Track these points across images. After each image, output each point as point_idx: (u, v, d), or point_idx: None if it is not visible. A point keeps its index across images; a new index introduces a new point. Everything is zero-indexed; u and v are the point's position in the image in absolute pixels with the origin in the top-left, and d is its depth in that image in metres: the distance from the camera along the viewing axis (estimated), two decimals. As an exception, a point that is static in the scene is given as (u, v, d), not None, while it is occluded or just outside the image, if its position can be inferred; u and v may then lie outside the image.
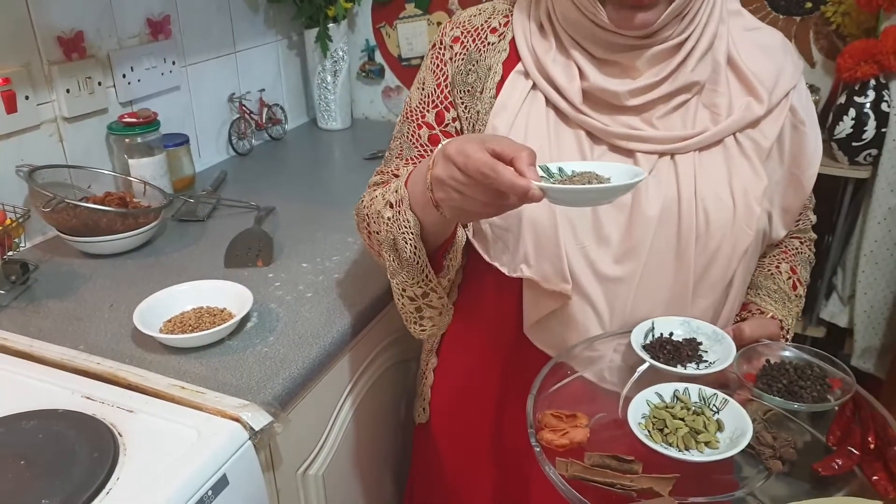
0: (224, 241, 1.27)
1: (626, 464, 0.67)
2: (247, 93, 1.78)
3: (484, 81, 0.89)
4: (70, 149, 1.35)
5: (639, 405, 0.73)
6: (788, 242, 0.98)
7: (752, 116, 0.82)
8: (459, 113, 0.91)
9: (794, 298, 0.94)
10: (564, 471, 0.66)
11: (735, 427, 0.69)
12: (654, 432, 0.70)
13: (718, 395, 0.73)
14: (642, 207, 0.81)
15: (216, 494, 0.77)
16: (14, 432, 0.80)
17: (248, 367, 0.93)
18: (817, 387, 0.73)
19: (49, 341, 0.98)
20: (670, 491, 0.64)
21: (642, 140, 0.81)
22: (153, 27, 1.49)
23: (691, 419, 0.70)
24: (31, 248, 1.25)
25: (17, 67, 1.22)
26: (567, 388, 0.80)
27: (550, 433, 0.71)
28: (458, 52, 0.90)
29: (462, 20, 0.92)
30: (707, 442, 0.68)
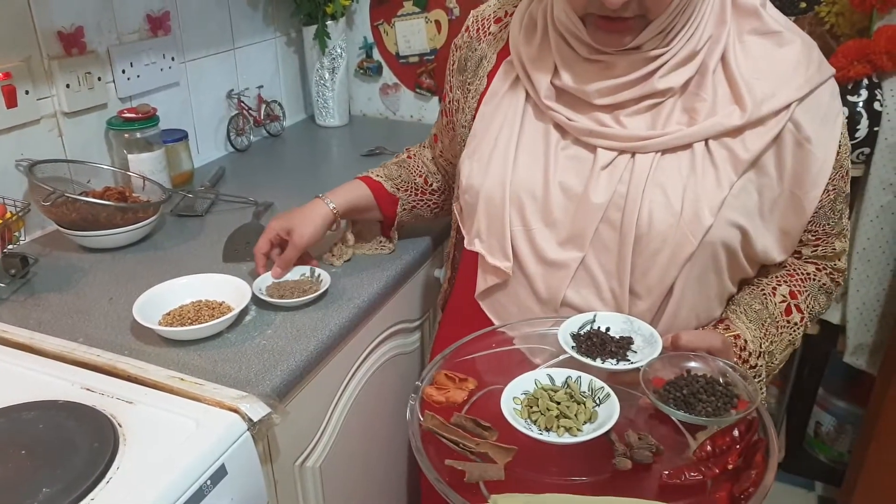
0: (222, 235, 1.28)
1: (479, 428, 0.72)
2: (245, 89, 1.79)
3: (476, 69, 0.96)
4: (69, 143, 1.35)
5: (525, 382, 0.76)
6: (800, 266, 0.94)
7: (728, 125, 0.79)
8: (457, 95, 1.02)
9: (784, 325, 0.90)
10: (426, 423, 0.72)
11: (603, 420, 0.71)
12: (524, 409, 0.73)
13: (605, 389, 0.75)
14: (590, 196, 0.83)
15: (214, 484, 0.78)
16: (14, 423, 0.81)
17: (247, 359, 0.94)
18: (719, 403, 0.72)
19: (49, 333, 0.99)
20: (508, 462, 0.68)
21: (603, 137, 0.84)
22: (153, 23, 1.50)
23: (567, 405, 0.73)
24: (30, 242, 1.26)
25: (18, 62, 1.23)
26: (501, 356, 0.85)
27: (434, 389, 0.77)
28: (466, 40, 1.01)
29: (478, 11, 1.01)
30: (569, 428, 0.71)
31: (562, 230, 0.86)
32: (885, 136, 1.50)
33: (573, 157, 0.86)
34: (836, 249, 0.94)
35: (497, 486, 0.67)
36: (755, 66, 0.81)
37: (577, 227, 0.84)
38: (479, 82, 0.96)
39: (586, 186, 0.83)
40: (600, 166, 0.83)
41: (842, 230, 0.93)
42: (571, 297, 0.87)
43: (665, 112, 0.83)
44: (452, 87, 1.04)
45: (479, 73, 0.96)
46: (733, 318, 0.88)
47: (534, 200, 0.86)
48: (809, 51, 0.84)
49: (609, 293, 0.86)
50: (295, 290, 1.08)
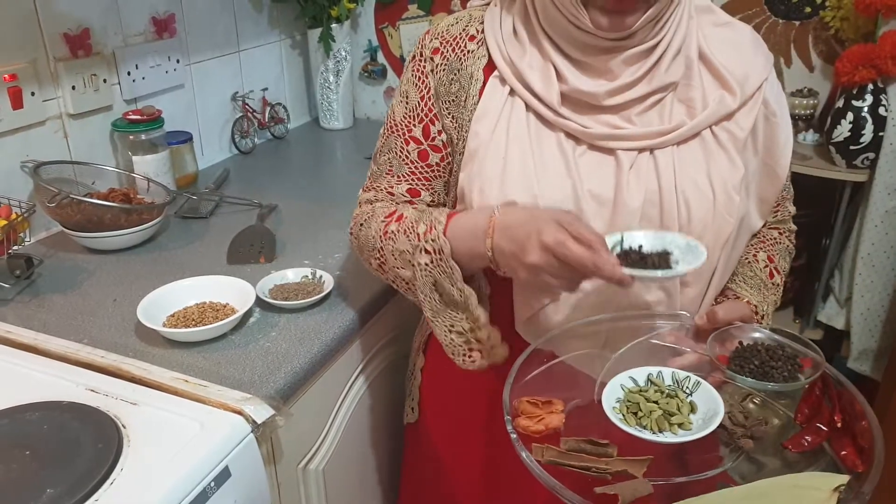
0: (226, 237, 1.28)
1: (600, 447, 0.69)
2: (250, 91, 1.79)
3: (467, 89, 0.89)
4: (75, 145, 1.36)
5: (613, 389, 0.75)
6: (767, 232, 0.99)
7: (725, 109, 0.84)
8: (446, 124, 0.91)
9: (771, 286, 0.95)
10: (540, 456, 0.68)
11: (708, 408, 0.71)
12: (629, 416, 0.71)
13: (691, 378, 0.75)
14: (625, 200, 0.83)
15: (218, 486, 0.78)
16: (19, 424, 0.81)
17: (251, 361, 0.94)
18: (788, 366, 0.75)
19: (53, 335, 0.99)
20: (644, 472, 0.66)
21: (621, 138, 0.83)
22: (158, 25, 1.50)
23: (665, 402, 0.72)
24: (35, 243, 1.26)
25: (24, 64, 1.23)
26: (545, 374, 0.82)
27: (526, 420, 0.72)
28: (439, 62, 0.90)
29: (440, 31, 0.92)
30: (680, 423, 0.70)
31: None
32: (890, 141, 1.50)
33: (595, 163, 0.84)
34: (790, 211, 1.02)
35: (646, 499, 0.65)
36: (725, 52, 0.86)
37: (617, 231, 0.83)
38: (475, 102, 0.89)
39: (616, 192, 0.83)
40: (626, 168, 0.83)
41: (791, 193, 1.01)
42: (620, 301, 0.86)
43: (668, 107, 0.85)
44: (437, 115, 0.91)
45: (471, 92, 0.89)
46: (735, 287, 0.93)
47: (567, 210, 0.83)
48: (755, 35, 0.91)
49: (659, 290, 0.86)
50: (298, 292, 1.08)
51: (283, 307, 1.05)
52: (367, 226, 0.93)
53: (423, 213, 0.88)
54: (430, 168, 0.93)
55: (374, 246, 0.92)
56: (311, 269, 1.14)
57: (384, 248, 0.90)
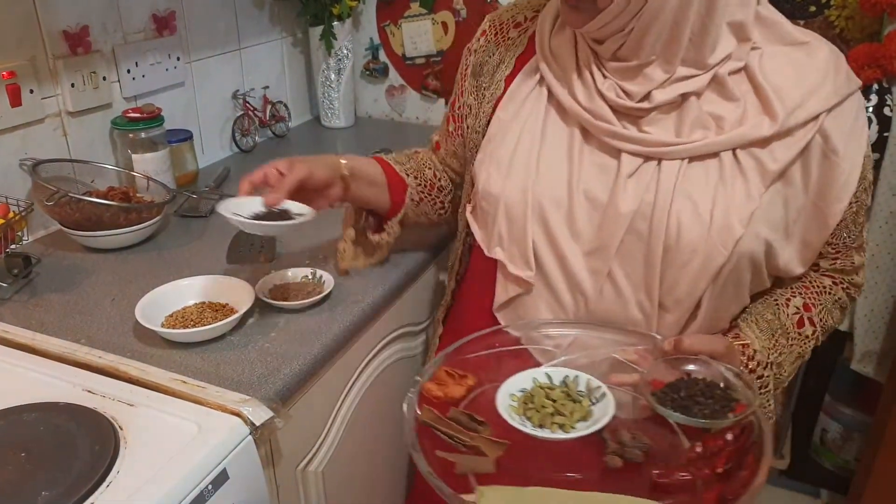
0: (226, 237, 1.27)
1: (475, 423, 0.74)
2: (251, 90, 1.78)
3: (493, 73, 0.95)
4: (74, 143, 1.35)
5: (524, 379, 0.78)
6: (816, 279, 0.92)
7: (757, 135, 0.78)
8: (470, 101, 1.00)
9: (796, 336, 0.88)
10: (423, 416, 0.74)
11: (598, 419, 0.73)
12: (520, 405, 0.75)
13: (601, 389, 0.77)
14: (617, 205, 0.81)
15: (216, 489, 0.77)
16: (15, 425, 0.80)
17: (250, 362, 0.93)
18: (716, 406, 0.72)
19: (51, 334, 0.99)
20: (500, 457, 0.70)
21: (630, 140, 0.82)
22: (158, 23, 1.49)
23: (562, 403, 0.74)
24: (33, 242, 1.25)
25: (23, 61, 1.22)
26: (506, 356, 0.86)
27: (433, 384, 0.78)
28: (482, 44, 0.99)
29: (496, 15, 1.00)
30: (562, 425, 0.73)
31: (587, 240, 0.84)
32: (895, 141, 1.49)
33: (598, 164, 0.84)
34: (854, 263, 0.92)
35: (487, 479, 0.69)
36: (783, 75, 0.80)
37: (603, 238, 0.82)
38: (496, 87, 0.95)
39: (611, 195, 0.82)
40: (626, 174, 0.81)
41: (861, 243, 0.92)
42: (598, 310, 0.86)
43: (689, 118, 0.81)
44: (464, 91, 1.02)
45: (495, 77, 0.94)
46: (744, 326, 0.87)
47: (557, 209, 0.84)
48: (837, 60, 0.82)
49: (636, 307, 0.84)
50: (298, 292, 1.07)
51: (282, 307, 1.04)
52: None
53: None
54: (448, 132, 1.09)
55: None
56: (311, 269, 1.13)
57: None
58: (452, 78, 1.07)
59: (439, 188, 1.16)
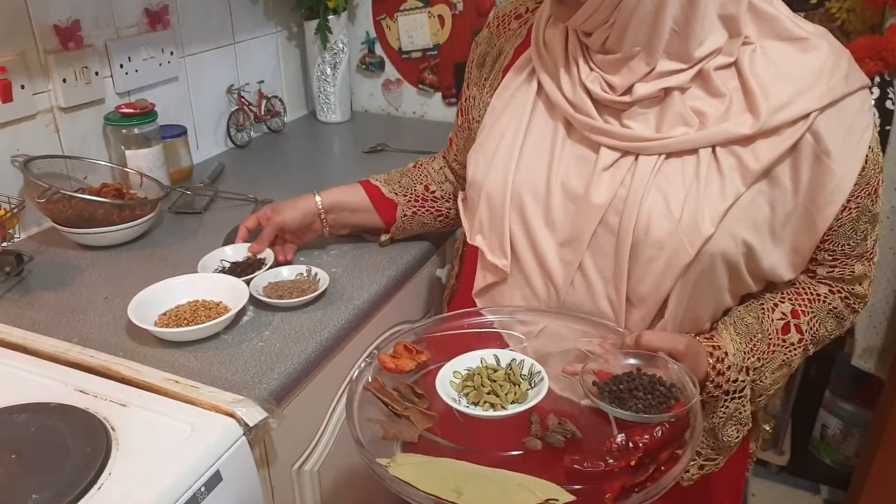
0: (221, 233, 1.26)
1: (414, 395, 0.77)
2: (246, 84, 1.76)
3: (493, 64, 0.97)
4: (66, 139, 1.33)
5: (471, 359, 0.81)
6: (811, 285, 0.88)
7: (737, 132, 0.76)
8: (473, 92, 1.01)
9: (779, 343, 0.85)
10: (369, 385, 0.78)
11: (529, 402, 0.74)
12: (462, 382, 0.78)
13: (541, 374, 0.77)
14: (591, 197, 0.81)
15: (209, 491, 0.76)
16: (6, 426, 0.79)
17: (244, 361, 0.92)
18: (652, 402, 0.72)
19: (43, 333, 0.97)
20: (430, 429, 0.74)
21: (608, 135, 0.81)
22: (151, 17, 1.47)
23: (500, 385, 0.77)
24: (25, 240, 1.24)
25: (13, 56, 1.20)
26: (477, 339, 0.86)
27: (387, 357, 0.82)
28: (486, 36, 1.01)
29: (500, 8, 1.01)
30: (493, 404, 0.74)
31: (561, 231, 0.84)
32: (896, 135, 1.48)
33: (577, 156, 0.84)
34: (854, 272, 0.87)
35: (411, 448, 0.73)
36: (774, 72, 0.77)
37: (576, 230, 0.82)
38: (495, 77, 0.96)
39: (586, 187, 0.82)
40: (602, 167, 0.81)
41: (864, 252, 0.87)
42: (570, 300, 0.86)
43: (671, 113, 0.79)
44: (470, 83, 1.03)
45: (495, 67, 0.96)
46: (721, 328, 0.84)
47: (535, 199, 0.85)
48: (837, 58, 0.78)
49: (605, 300, 0.84)
50: (293, 290, 1.06)
51: (277, 305, 1.03)
52: None
53: None
54: (458, 126, 1.11)
55: None
56: (306, 266, 1.12)
57: None
58: (449, 72, 1.08)
59: (433, 198, 1.17)
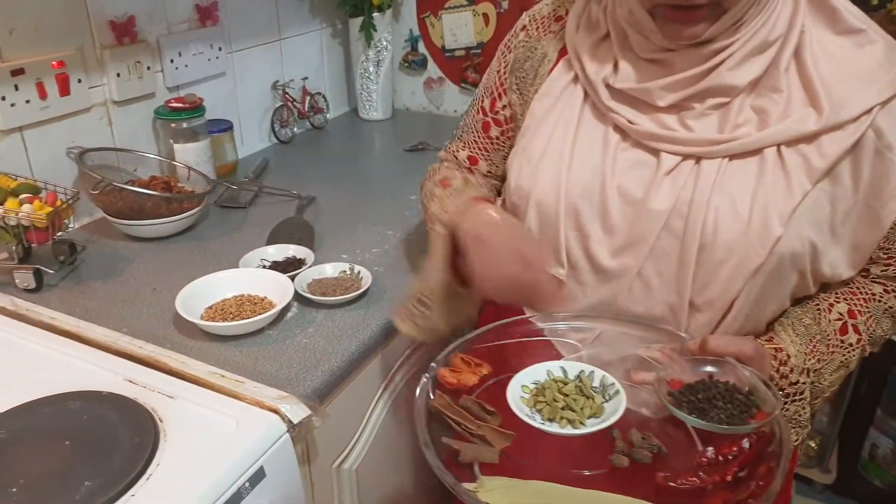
0: (265, 228, 1.27)
1: (484, 412, 0.74)
2: (290, 81, 1.78)
3: (537, 68, 0.93)
4: (118, 132, 1.36)
5: (537, 372, 0.78)
6: (865, 285, 0.86)
7: (803, 129, 0.74)
8: (513, 99, 0.96)
9: (837, 344, 0.83)
10: (435, 401, 0.75)
11: (608, 417, 0.72)
12: (532, 398, 0.75)
13: (616, 385, 0.75)
14: (652, 201, 0.79)
15: (253, 486, 0.78)
16: (60, 412, 0.82)
17: (288, 357, 0.94)
18: (735, 411, 0.70)
19: (94, 322, 1.00)
20: (506, 448, 0.70)
21: (668, 141, 0.79)
22: (201, 13, 1.50)
23: (573, 398, 0.74)
24: (77, 230, 1.27)
25: (72, 51, 1.24)
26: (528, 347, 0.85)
27: (447, 371, 0.78)
28: (522, 39, 0.95)
29: (535, 10, 0.97)
30: (571, 420, 0.72)
31: (618, 237, 0.82)
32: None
33: (634, 160, 0.82)
34: None
35: (491, 469, 0.70)
36: (833, 66, 0.76)
37: (636, 235, 0.81)
38: (541, 81, 0.92)
39: (647, 192, 0.80)
40: (664, 172, 0.79)
41: None
42: (627, 307, 0.84)
43: (733, 113, 0.78)
44: (506, 90, 0.97)
45: (540, 71, 0.92)
46: (779, 329, 0.83)
47: (590, 205, 0.83)
48: (889, 51, 0.77)
49: (665, 305, 0.82)
50: (336, 287, 1.07)
51: (321, 302, 1.04)
52: (429, 181, 1.04)
53: (465, 188, 0.94)
54: (489, 140, 1.01)
55: (422, 200, 1.03)
56: (349, 263, 1.13)
57: (427, 205, 0.99)
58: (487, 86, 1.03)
59: None
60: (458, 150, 1.06)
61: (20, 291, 1.07)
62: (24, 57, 1.17)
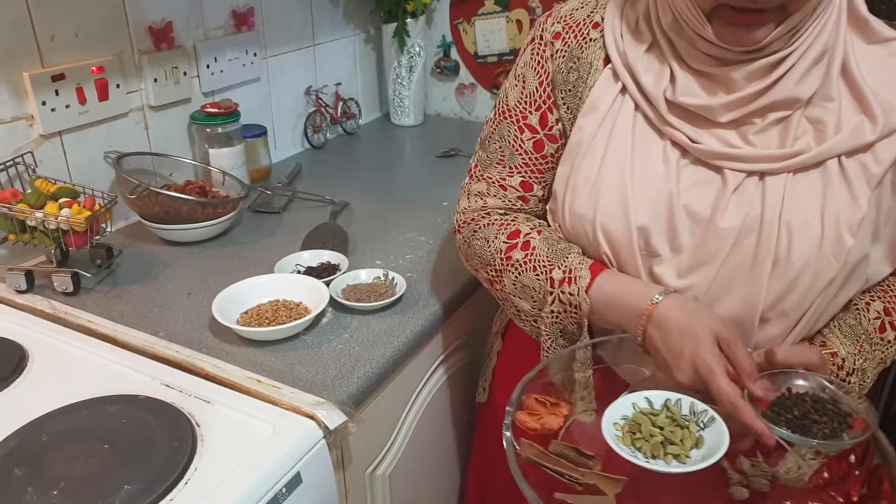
0: (299, 233, 1.27)
1: (583, 458, 0.68)
2: (323, 86, 1.79)
3: (586, 79, 0.86)
4: (154, 137, 1.38)
5: (623, 406, 0.73)
6: (894, 283, 0.87)
7: (861, 139, 0.74)
8: (562, 114, 0.88)
9: (879, 342, 0.84)
10: (524, 452, 0.68)
11: (713, 446, 0.67)
12: (627, 435, 0.69)
13: (708, 412, 0.71)
14: (720, 220, 0.77)
15: (290, 492, 0.77)
16: (99, 416, 0.82)
17: (323, 363, 0.93)
18: (833, 423, 0.67)
19: (131, 326, 1.01)
20: (619, 494, 0.64)
21: (731, 158, 0.78)
22: (237, 19, 1.51)
23: (670, 430, 0.69)
24: (114, 233, 1.28)
25: (111, 56, 1.25)
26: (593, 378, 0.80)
27: (526, 415, 0.72)
28: (560, 48, 0.87)
29: (563, 14, 0.89)
30: (676, 455, 0.67)
31: (686, 257, 0.80)
32: None
33: (697, 178, 0.80)
34: None
35: None
36: (874, 74, 0.76)
37: (704, 254, 0.79)
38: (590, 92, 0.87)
39: (714, 210, 0.78)
40: (731, 189, 0.77)
41: None
42: None
43: (793, 126, 0.77)
44: (557, 104, 0.88)
45: (589, 81, 0.86)
46: (828, 333, 0.82)
47: (657, 227, 0.80)
48: None
49: (736, 319, 0.80)
50: (371, 293, 1.06)
51: (356, 308, 1.04)
52: (484, 237, 0.90)
53: (554, 250, 0.85)
54: (544, 160, 0.90)
55: (488, 262, 0.89)
56: (383, 269, 1.12)
57: (503, 271, 0.88)
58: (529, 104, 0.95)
59: None
60: (503, 177, 0.91)
61: (58, 294, 1.08)
62: (65, 63, 1.18)
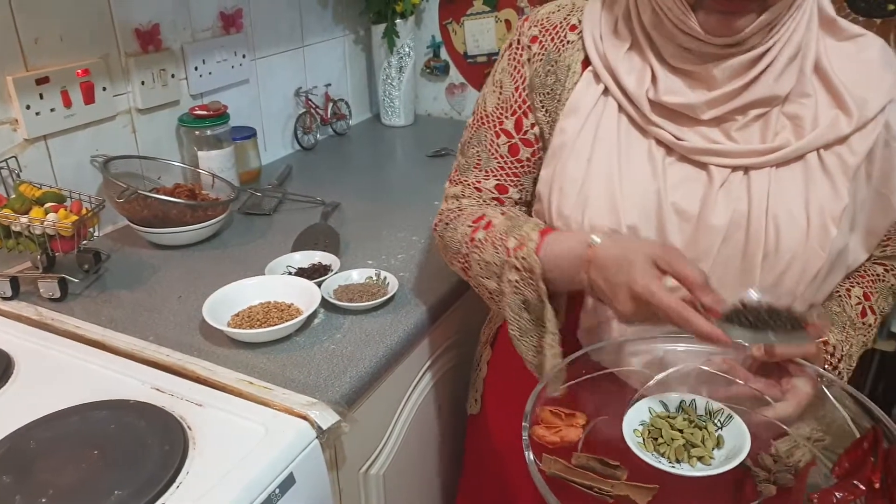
0: (289, 235, 1.27)
1: (610, 469, 0.67)
2: (313, 87, 1.78)
3: (564, 82, 0.86)
4: (142, 140, 1.37)
5: (639, 412, 0.72)
6: (869, 267, 0.91)
7: (837, 132, 0.77)
8: (539, 117, 0.88)
9: (861, 326, 0.87)
10: (547, 468, 0.66)
11: (735, 445, 0.68)
12: (648, 441, 0.69)
13: (725, 411, 0.71)
14: (709, 218, 0.78)
15: (283, 493, 0.76)
16: (88, 422, 0.81)
17: (316, 364, 0.92)
18: (788, 326, 0.67)
19: (120, 331, 0.99)
20: (649, 502, 0.63)
21: (716, 154, 0.78)
22: (225, 20, 1.50)
23: (690, 432, 0.69)
24: (101, 238, 1.27)
25: (96, 59, 1.24)
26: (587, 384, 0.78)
27: (543, 429, 0.71)
28: (537, 52, 0.87)
29: (540, 18, 0.88)
30: (700, 457, 0.67)
31: None
32: None
33: (683, 176, 0.80)
34: None
35: None
36: (846, 69, 0.79)
37: (695, 251, 0.79)
38: (569, 95, 0.86)
39: (702, 207, 0.79)
40: (717, 185, 0.78)
41: None
42: None
43: (772, 122, 0.78)
44: (531, 108, 0.88)
45: (567, 84, 0.86)
46: None
47: (647, 225, 0.80)
48: (886, 52, 0.82)
49: None
50: (363, 293, 1.06)
51: (348, 308, 1.03)
52: (454, 227, 0.90)
53: (513, 223, 0.84)
54: (520, 164, 0.90)
55: (458, 250, 0.89)
56: (374, 269, 1.11)
57: (469, 255, 0.87)
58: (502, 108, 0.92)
59: None
60: (478, 181, 0.92)
61: (45, 301, 1.07)
62: (49, 65, 1.17)
